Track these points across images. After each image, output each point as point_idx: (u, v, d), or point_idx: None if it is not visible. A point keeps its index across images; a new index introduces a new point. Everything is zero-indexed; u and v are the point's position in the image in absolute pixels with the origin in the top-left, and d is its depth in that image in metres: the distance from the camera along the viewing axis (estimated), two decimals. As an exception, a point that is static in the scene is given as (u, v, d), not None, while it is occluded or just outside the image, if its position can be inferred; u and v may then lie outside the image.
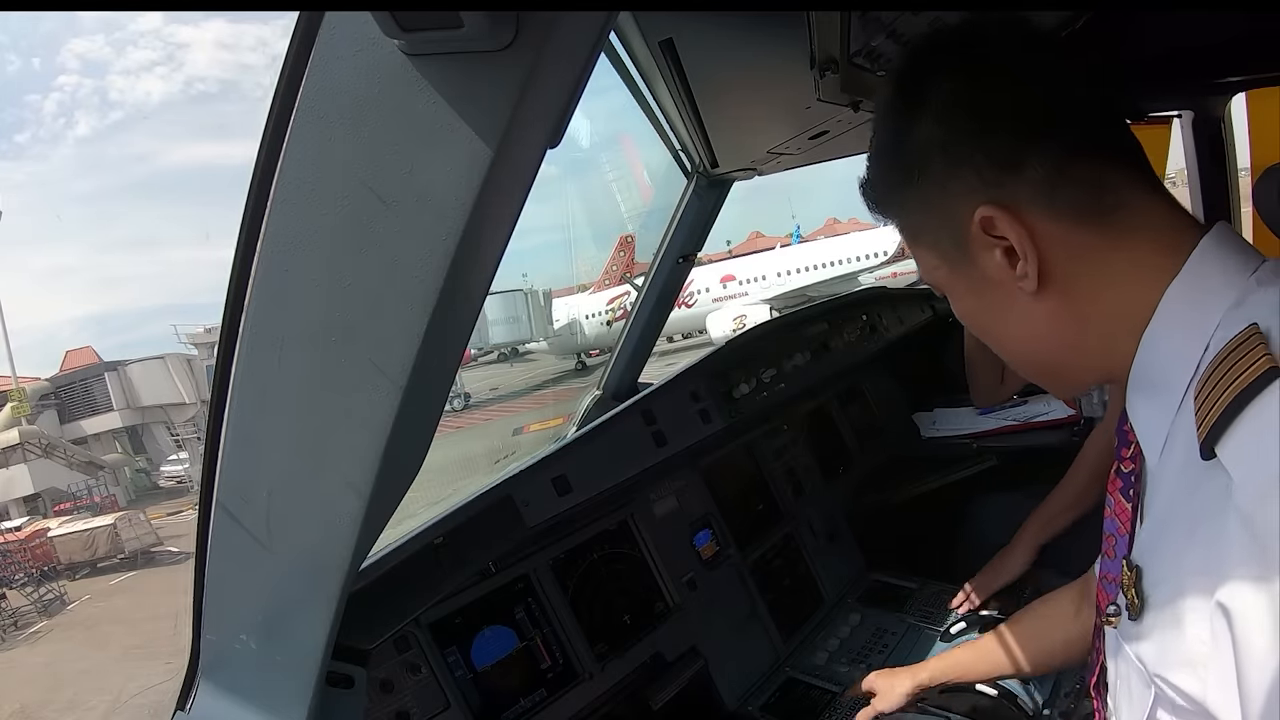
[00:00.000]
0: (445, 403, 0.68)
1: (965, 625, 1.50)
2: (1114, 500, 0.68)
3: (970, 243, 0.61)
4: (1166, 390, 0.56)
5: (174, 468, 27.31)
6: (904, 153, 0.63)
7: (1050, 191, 0.57)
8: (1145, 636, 0.58)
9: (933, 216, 0.63)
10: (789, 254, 24.21)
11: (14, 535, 18.47)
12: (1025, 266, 0.58)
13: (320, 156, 0.51)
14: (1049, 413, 2.00)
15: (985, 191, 0.58)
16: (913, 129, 0.61)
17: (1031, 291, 0.59)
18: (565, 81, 0.50)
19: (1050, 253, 0.58)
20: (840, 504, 1.95)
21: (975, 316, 0.67)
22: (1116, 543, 0.67)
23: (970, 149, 0.59)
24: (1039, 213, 0.58)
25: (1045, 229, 0.58)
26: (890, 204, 0.68)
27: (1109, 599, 0.67)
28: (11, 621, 15.02)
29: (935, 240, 0.65)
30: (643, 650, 1.41)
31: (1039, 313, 0.61)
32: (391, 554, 1.03)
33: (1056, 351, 0.64)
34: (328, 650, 0.72)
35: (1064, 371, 0.67)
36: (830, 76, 1.05)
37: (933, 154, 0.60)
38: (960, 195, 0.60)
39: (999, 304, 0.63)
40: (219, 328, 0.62)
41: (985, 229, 0.59)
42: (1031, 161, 0.57)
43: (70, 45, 77.55)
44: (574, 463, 1.29)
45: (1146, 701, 0.58)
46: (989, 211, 0.58)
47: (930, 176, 0.61)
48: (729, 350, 1.72)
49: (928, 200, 0.63)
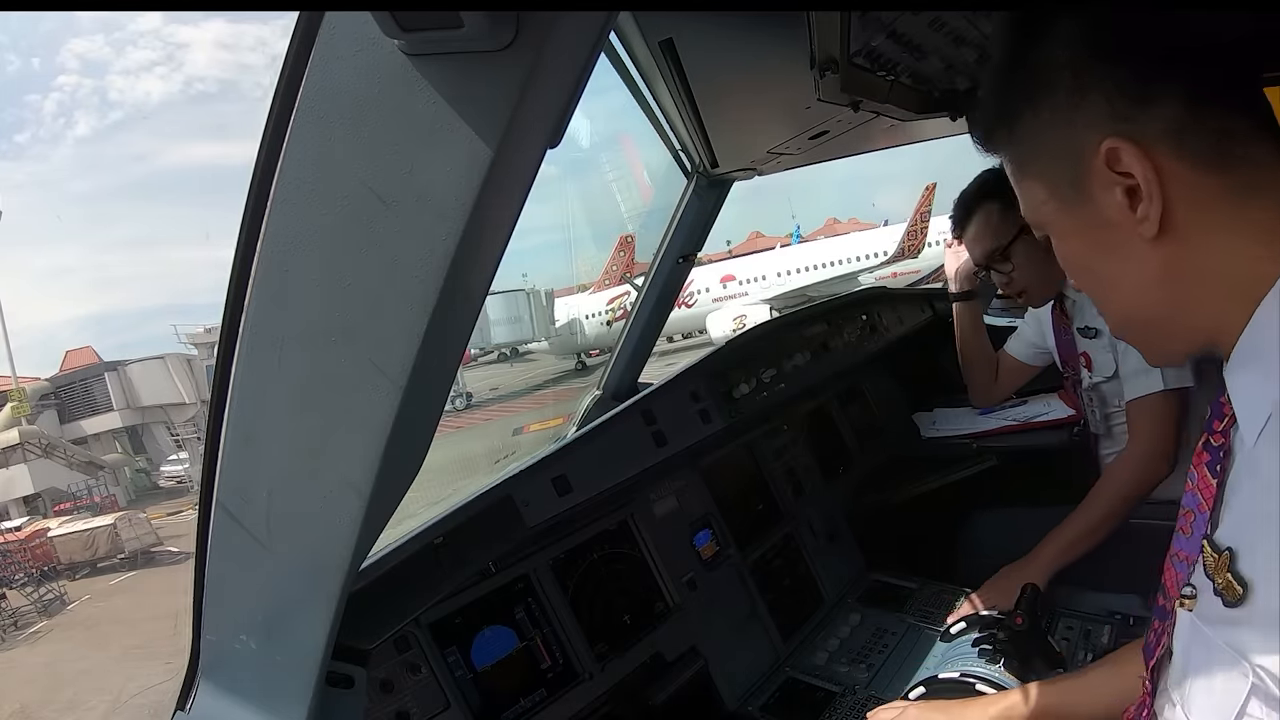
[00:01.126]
0: (445, 403, 0.68)
1: (965, 625, 1.50)
2: (1197, 474, 0.63)
3: (1090, 178, 0.57)
4: (1276, 367, 0.52)
5: (174, 468, 27.31)
6: (1028, 74, 0.59)
7: (1180, 132, 0.54)
8: (1247, 623, 0.54)
9: (1050, 145, 0.60)
10: (789, 254, 24.25)
11: (14, 535, 18.47)
12: (1147, 208, 0.55)
13: (320, 156, 0.51)
14: (1049, 413, 2.00)
15: (1113, 124, 0.55)
16: (1038, 49, 0.57)
17: (1150, 237, 0.56)
18: (565, 81, 0.50)
19: (1176, 197, 0.55)
20: (840, 504, 1.95)
21: (1080, 260, 0.64)
22: (1195, 519, 0.62)
23: (1101, 76, 0.55)
24: (1167, 153, 0.54)
25: (1173, 170, 0.54)
26: (1001, 129, 0.63)
27: (1182, 578, 0.62)
28: (11, 621, 15.02)
29: (1048, 172, 0.61)
30: (643, 650, 1.41)
31: (1153, 262, 0.57)
32: (391, 554, 1.03)
33: (1162, 306, 0.60)
34: (328, 650, 0.72)
35: (1165, 331, 0.63)
36: (830, 76, 1.05)
37: (1059, 78, 0.57)
38: (1085, 125, 0.56)
39: (1110, 248, 0.59)
40: (219, 328, 0.62)
41: (1109, 163, 0.55)
42: (1164, 98, 0.54)
43: (70, 45, 77.60)
44: (574, 463, 1.29)
45: (1239, 692, 0.54)
46: (1116, 144, 0.54)
47: (1053, 102, 0.58)
48: (729, 350, 1.72)
49: (1046, 128, 0.59)
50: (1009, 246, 1.67)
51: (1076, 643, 1.45)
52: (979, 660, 1.29)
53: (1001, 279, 1.74)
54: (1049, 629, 1.47)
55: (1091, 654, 1.40)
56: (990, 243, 1.70)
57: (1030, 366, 2.02)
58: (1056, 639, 1.35)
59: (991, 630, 1.33)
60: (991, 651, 1.29)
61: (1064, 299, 1.72)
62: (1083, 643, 1.45)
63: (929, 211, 20.27)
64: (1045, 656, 1.28)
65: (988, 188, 1.71)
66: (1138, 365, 1.51)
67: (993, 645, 1.29)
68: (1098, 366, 1.65)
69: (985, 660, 1.28)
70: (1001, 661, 1.26)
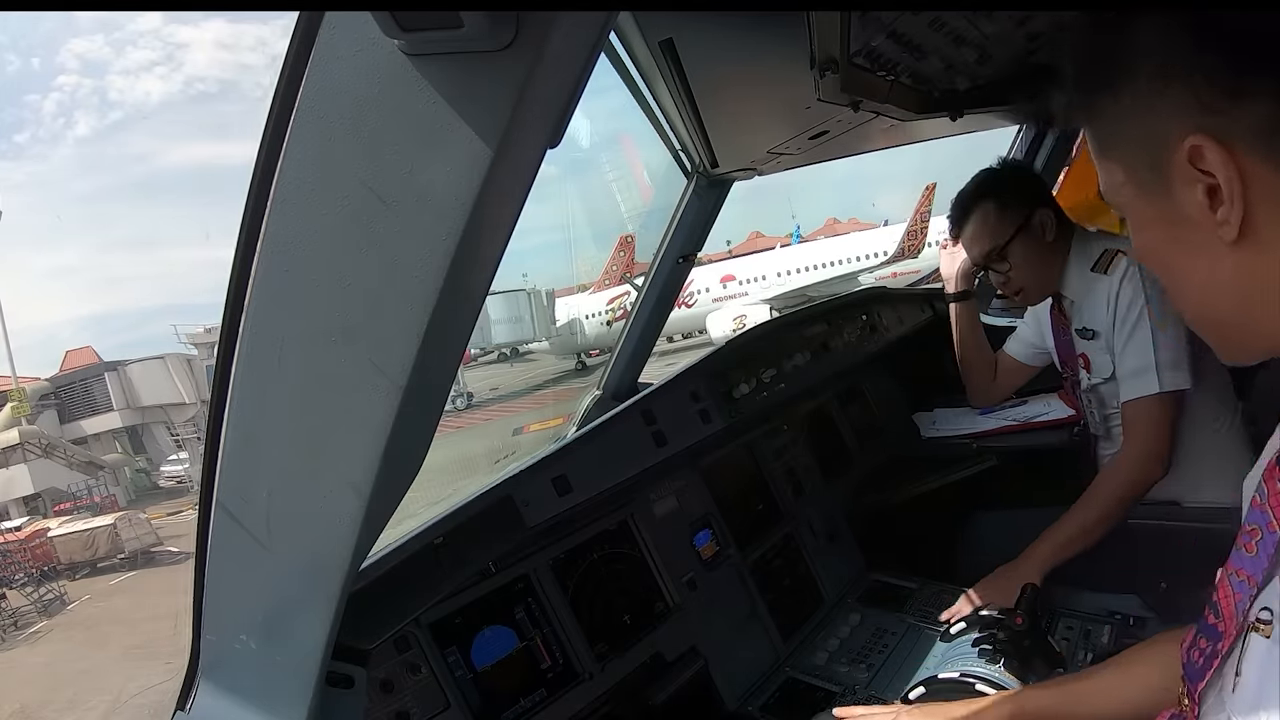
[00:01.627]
0: (445, 403, 0.68)
1: (965, 625, 1.50)
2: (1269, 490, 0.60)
3: (1170, 170, 0.55)
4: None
5: (174, 468, 27.31)
6: (1112, 54, 0.57)
7: (1273, 132, 0.51)
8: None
9: (1132, 131, 0.57)
10: (789, 254, 24.25)
11: (14, 535, 18.47)
12: (1229, 212, 0.52)
13: (320, 156, 0.51)
14: (1049, 413, 2.00)
15: (1200, 117, 0.52)
16: (1127, 27, 0.55)
17: (1229, 240, 0.53)
18: (565, 81, 0.50)
19: (1258, 202, 0.52)
20: (840, 504, 1.95)
21: (1155, 253, 0.61)
22: (1263, 538, 0.59)
23: (1189, 64, 0.52)
24: (1256, 154, 0.51)
25: (1259, 174, 0.52)
26: (1087, 108, 0.61)
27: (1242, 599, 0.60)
28: (11, 621, 15.03)
29: (1128, 157, 0.58)
30: (643, 650, 1.41)
31: (1229, 264, 0.55)
32: (391, 554, 1.03)
33: (1236, 310, 0.58)
34: (328, 650, 0.72)
35: (1237, 333, 0.61)
36: (830, 76, 1.05)
37: (1144, 62, 0.54)
38: (1170, 116, 0.53)
39: (1185, 244, 0.57)
40: (219, 328, 0.62)
41: (1192, 160, 0.53)
42: (1258, 93, 0.50)
43: (70, 45, 77.56)
44: (574, 463, 1.29)
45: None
46: (1200, 140, 0.52)
47: (1137, 87, 0.55)
48: (729, 350, 1.72)
49: (1127, 114, 0.56)
50: (1006, 246, 1.67)
51: (1076, 643, 1.46)
52: (979, 660, 1.29)
53: (999, 278, 1.74)
54: (1049, 629, 1.47)
55: (1091, 654, 1.40)
56: (988, 242, 1.70)
57: (1029, 367, 2.02)
58: (1056, 639, 1.35)
59: (991, 630, 1.33)
60: (991, 651, 1.29)
61: (1062, 300, 1.72)
62: (1083, 643, 1.45)
63: (929, 212, 20.27)
64: (1045, 656, 1.28)
65: (985, 187, 1.71)
66: (1134, 367, 1.51)
67: (993, 645, 1.29)
68: (1096, 368, 1.64)
69: (985, 660, 1.28)
70: (1001, 661, 1.26)
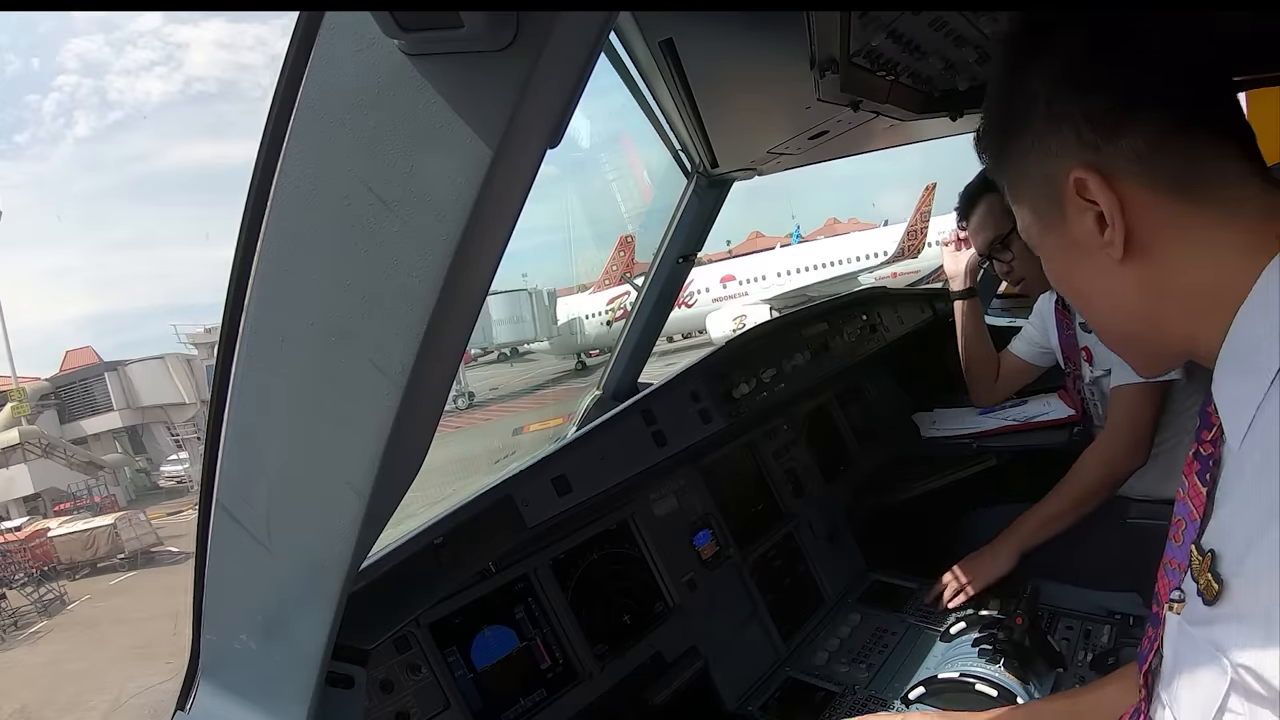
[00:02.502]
0: (445, 403, 0.68)
1: (965, 625, 1.50)
2: (1188, 483, 0.66)
3: (1065, 203, 0.61)
4: (1257, 371, 0.55)
5: (174, 468, 27.30)
6: (1013, 105, 0.63)
7: (1147, 160, 0.57)
8: (1223, 621, 0.56)
9: (1031, 173, 0.64)
10: (789, 254, 24.25)
11: (14, 535, 18.46)
12: (1112, 234, 0.59)
13: (320, 156, 0.51)
14: (1049, 413, 2.00)
15: (1081, 153, 0.59)
16: (1021, 82, 0.62)
17: (1117, 259, 0.60)
18: (565, 81, 0.50)
19: (1141, 223, 0.58)
20: (840, 504, 1.95)
21: (1064, 279, 0.68)
22: (1186, 527, 0.65)
23: (1071, 109, 0.59)
24: (1133, 181, 0.58)
25: (1138, 198, 0.58)
26: (997, 155, 0.68)
27: (1173, 584, 0.65)
28: (11, 621, 15.02)
29: (1032, 197, 0.65)
30: (643, 650, 1.40)
31: (1124, 281, 0.61)
32: (391, 554, 1.03)
33: (1138, 322, 0.64)
34: (328, 650, 0.72)
35: (1145, 344, 0.67)
36: (830, 76, 1.05)
37: (1038, 109, 0.61)
38: (1057, 153, 0.60)
39: (1087, 268, 0.64)
40: (219, 328, 0.62)
41: (1078, 191, 0.59)
42: (1130, 129, 0.57)
43: (70, 45, 77.52)
44: (574, 463, 1.29)
45: (1219, 688, 0.56)
46: (1082, 174, 0.58)
47: (1032, 132, 0.62)
48: (729, 350, 1.72)
49: (1028, 156, 0.63)
50: (1009, 236, 1.75)
51: (1076, 643, 1.45)
52: (979, 660, 1.29)
53: (1002, 268, 1.84)
54: (1049, 629, 1.47)
55: (1091, 654, 1.40)
56: (991, 232, 1.80)
57: (1033, 367, 2.03)
58: (1056, 639, 1.35)
59: (991, 630, 1.33)
60: (991, 651, 1.29)
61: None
62: (1083, 643, 1.45)
63: (929, 211, 20.28)
64: (1045, 656, 1.28)
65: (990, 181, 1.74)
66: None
67: (993, 645, 1.29)
68: (1098, 359, 1.68)
69: (985, 660, 1.28)
70: (1001, 661, 1.26)
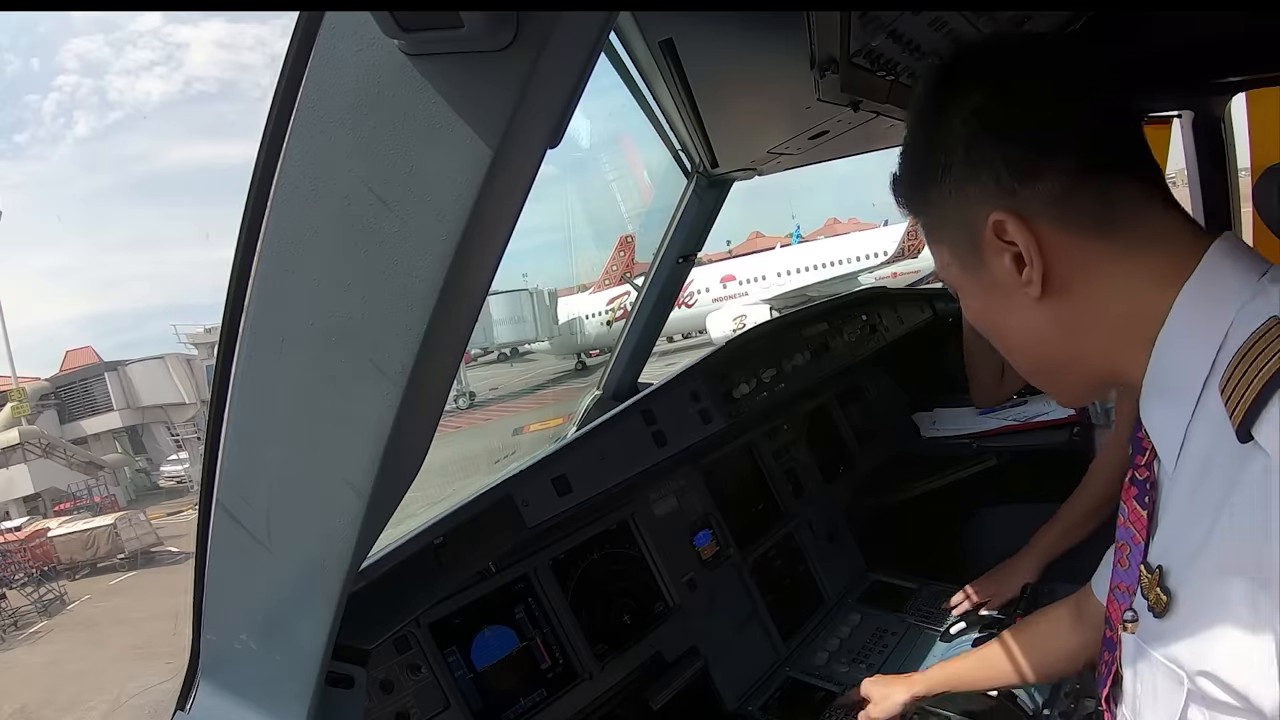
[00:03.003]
0: (445, 403, 0.67)
1: (965, 625, 1.50)
2: (1128, 508, 0.69)
3: (983, 245, 0.63)
4: (1182, 393, 0.57)
5: (174, 468, 27.27)
6: (930, 153, 0.65)
7: (1062, 202, 0.59)
8: (1176, 633, 0.58)
9: (950, 216, 0.66)
10: (789, 254, 24.21)
11: (14, 535, 18.45)
12: (1030, 273, 0.61)
13: (320, 156, 0.51)
14: (1049, 413, 2.00)
15: (999, 197, 0.61)
16: (939, 131, 0.64)
17: (1035, 297, 0.62)
18: (565, 81, 0.50)
19: (1057, 261, 0.60)
20: (840, 504, 1.95)
21: (983, 316, 0.70)
22: (1131, 551, 0.67)
23: (990, 155, 0.61)
24: (1049, 222, 0.60)
25: (1054, 238, 0.60)
26: (915, 200, 0.70)
27: (1124, 607, 0.67)
28: (11, 621, 15.01)
29: (951, 239, 0.67)
30: (643, 650, 1.41)
31: (1043, 318, 0.63)
32: (391, 554, 1.03)
33: (1057, 356, 0.66)
34: (328, 650, 0.72)
35: (1064, 377, 0.69)
36: (830, 76, 1.05)
37: (955, 156, 0.63)
38: (976, 199, 0.62)
39: (1006, 306, 0.65)
40: (219, 328, 0.62)
41: (997, 233, 0.61)
42: (1046, 173, 0.59)
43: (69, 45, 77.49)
44: (574, 463, 1.29)
45: (1178, 700, 0.58)
46: (1001, 216, 0.60)
47: (951, 177, 0.63)
48: (729, 350, 1.72)
49: (947, 200, 0.65)
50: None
51: (1076, 643, 1.45)
52: (979, 660, 1.29)
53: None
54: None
55: (1091, 654, 1.40)
56: None
57: None
58: (1056, 639, 1.34)
59: (991, 630, 1.33)
60: (991, 651, 1.28)
61: None
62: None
63: (929, 211, 20.19)
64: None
65: None
66: None
67: (993, 645, 1.29)
68: None
69: (985, 660, 1.28)
70: (1001, 661, 1.26)
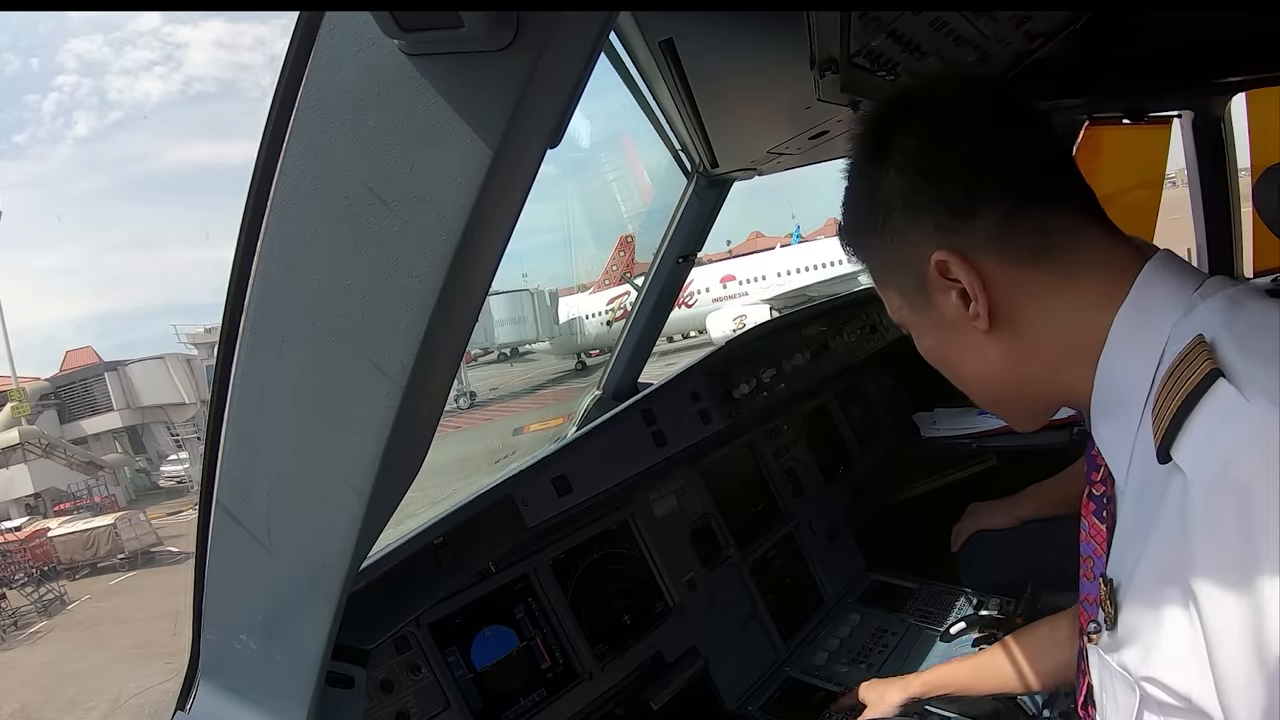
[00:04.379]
0: (445, 403, 0.68)
1: (965, 625, 1.50)
2: (1089, 524, 0.70)
3: (929, 285, 0.65)
4: (1126, 410, 0.59)
5: (174, 468, 27.28)
6: (870, 202, 0.67)
7: (1001, 236, 0.61)
8: (1124, 643, 0.61)
9: (895, 260, 0.67)
10: (789, 254, 24.20)
11: (14, 535, 18.46)
12: (977, 307, 0.63)
13: (320, 156, 0.51)
14: (1049, 413, 1.99)
15: (940, 238, 0.62)
16: (876, 181, 0.66)
17: (984, 330, 0.64)
18: (565, 81, 0.50)
19: (1001, 294, 0.62)
20: (840, 504, 1.95)
21: (936, 352, 0.72)
22: (1094, 564, 0.69)
23: (927, 199, 0.63)
24: (990, 257, 0.62)
25: (996, 271, 0.62)
26: (860, 248, 0.72)
27: (1090, 618, 0.69)
28: (11, 621, 15.02)
29: (899, 282, 0.69)
30: (643, 650, 1.41)
31: (992, 350, 0.65)
32: (391, 554, 1.03)
33: (1010, 384, 0.68)
34: (328, 650, 0.72)
35: (1019, 403, 0.71)
36: (830, 76, 1.05)
37: (894, 203, 0.65)
38: (918, 241, 0.64)
39: (956, 342, 0.67)
40: (219, 328, 0.62)
41: (941, 272, 0.63)
42: (983, 210, 0.61)
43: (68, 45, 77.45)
44: (574, 463, 1.29)
45: (1132, 707, 0.60)
46: (943, 256, 0.62)
47: (892, 223, 0.65)
48: (729, 350, 1.72)
49: (890, 245, 0.67)
50: None
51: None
52: (979, 660, 1.29)
53: None
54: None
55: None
56: None
57: None
58: (1056, 639, 1.34)
59: (991, 630, 1.33)
60: (991, 651, 1.28)
61: None
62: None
63: (929, 211, 20.19)
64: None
65: None
66: None
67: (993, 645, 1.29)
68: None
69: (985, 660, 1.28)
70: (1001, 661, 1.26)
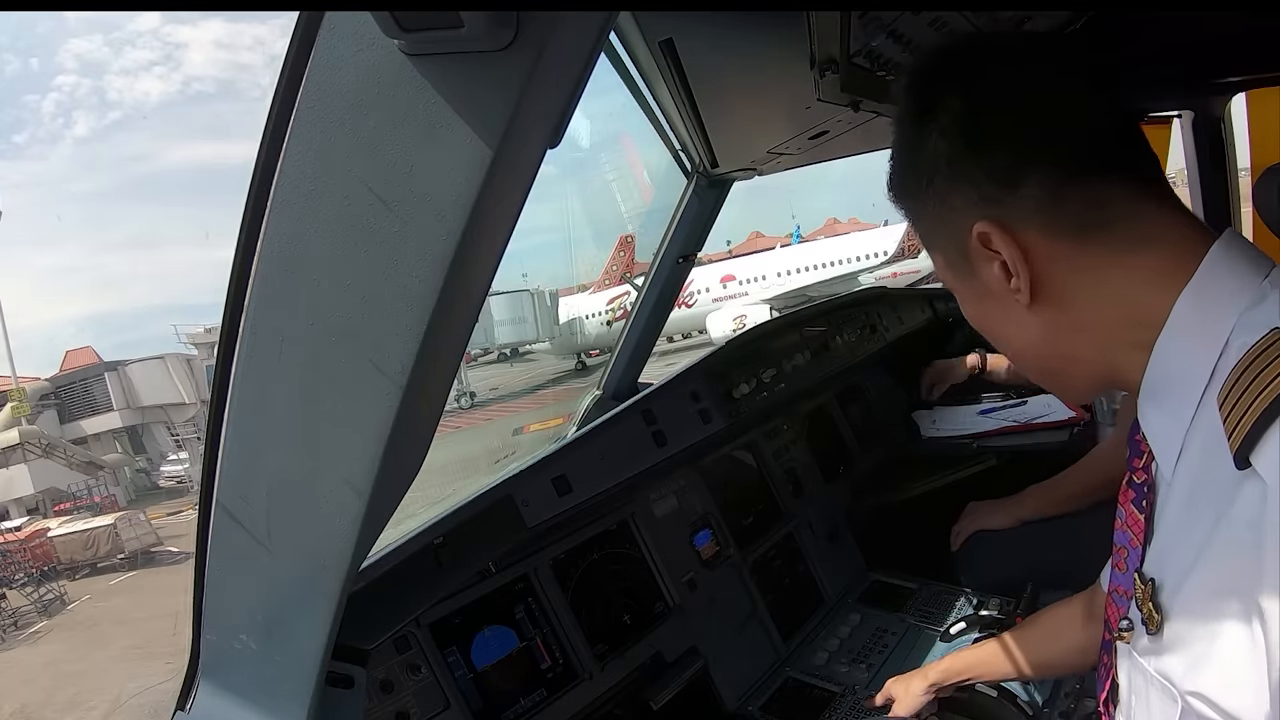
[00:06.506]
0: (445, 403, 0.67)
1: (965, 625, 1.50)
2: (1125, 512, 0.68)
3: (971, 254, 0.62)
4: (1180, 399, 0.56)
5: (174, 468, 27.27)
6: (915, 161, 0.65)
7: (1049, 208, 0.58)
8: (1169, 650, 0.57)
9: (939, 225, 0.65)
10: (789, 254, 24.22)
11: (14, 535, 18.45)
12: (1019, 281, 0.60)
13: (320, 156, 0.51)
14: (1050, 413, 1.99)
15: (983, 208, 0.60)
16: (922, 140, 0.63)
17: (1025, 305, 0.62)
18: (565, 81, 0.50)
19: (1046, 268, 0.60)
20: (840, 504, 1.95)
21: (980, 321, 0.70)
22: (1129, 555, 0.66)
23: (972, 166, 0.60)
24: (1036, 230, 0.59)
25: (1042, 245, 0.59)
26: (906, 207, 0.69)
27: (1120, 613, 0.66)
28: (11, 621, 15.01)
29: (942, 246, 0.67)
30: (643, 650, 1.41)
31: (1034, 324, 0.63)
32: (391, 554, 1.03)
33: (1053, 359, 0.66)
34: (328, 650, 0.72)
35: (1064, 378, 0.69)
36: (830, 76, 1.05)
37: (938, 166, 0.62)
38: (962, 209, 0.61)
39: (999, 313, 0.65)
40: (219, 328, 0.62)
41: (983, 243, 0.61)
42: (1030, 180, 0.58)
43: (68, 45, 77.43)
44: (574, 463, 1.29)
45: (1172, 715, 0.57)
46: (985, 228, 0.60)
47: (935, 188, 0.63)
48: (729, 350, 1.72)
49: (934, 211, 0.65)
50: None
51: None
52: (979, 660, 1.29)
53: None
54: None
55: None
56: None
57: None
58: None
59: (991, 630, 1.33)
60: (991, 651, 1.28)
61: None
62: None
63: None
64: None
65: None
66: None
67: (993, 645, 1.29)
68: None
69: (985, 660, 1.28)
70: (1001, 661, 1.26)
